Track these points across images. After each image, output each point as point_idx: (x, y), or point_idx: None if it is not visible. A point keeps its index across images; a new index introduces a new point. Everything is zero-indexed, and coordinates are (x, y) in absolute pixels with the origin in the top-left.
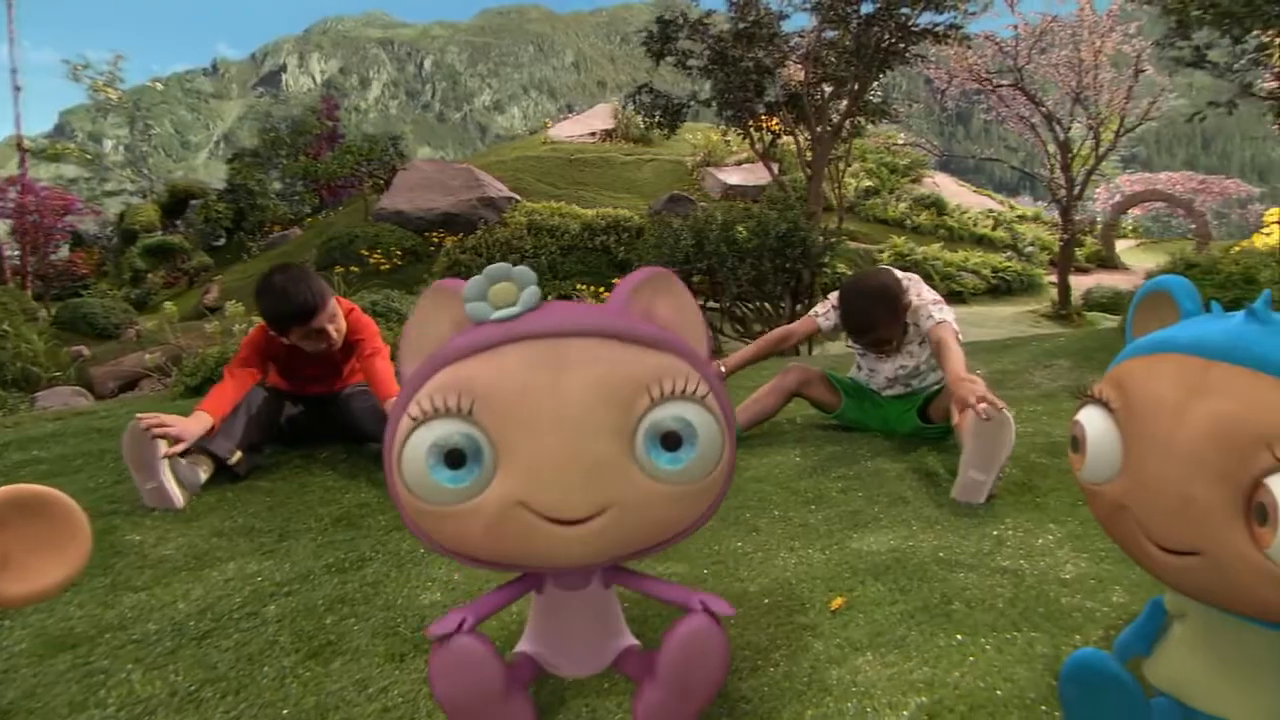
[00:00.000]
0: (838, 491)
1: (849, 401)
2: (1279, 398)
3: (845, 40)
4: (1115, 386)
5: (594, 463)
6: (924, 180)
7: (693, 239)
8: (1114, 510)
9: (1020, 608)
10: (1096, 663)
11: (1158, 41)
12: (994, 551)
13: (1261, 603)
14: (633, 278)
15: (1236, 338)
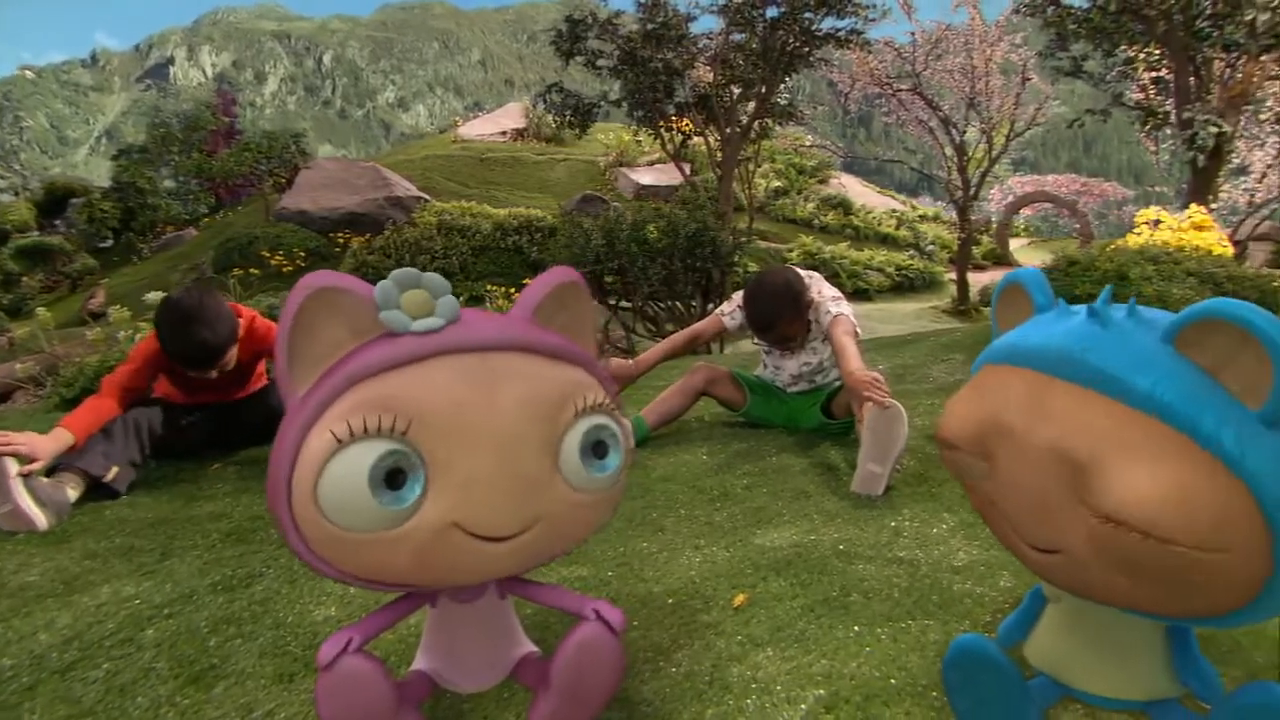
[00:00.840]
0: (743, 488)
1: (755, 399)
2: (1105, 419)
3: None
4: (978, 393)
5: (527, 478)
6: (831, 181)
7: (604, 239)
8: (985, 504)
9: (915, 597)
10: (976, 648)
11: (1040, 52)
12: (891, 542)
13: (1118, 594)
14: (538, 286)
15: (1076, 343)
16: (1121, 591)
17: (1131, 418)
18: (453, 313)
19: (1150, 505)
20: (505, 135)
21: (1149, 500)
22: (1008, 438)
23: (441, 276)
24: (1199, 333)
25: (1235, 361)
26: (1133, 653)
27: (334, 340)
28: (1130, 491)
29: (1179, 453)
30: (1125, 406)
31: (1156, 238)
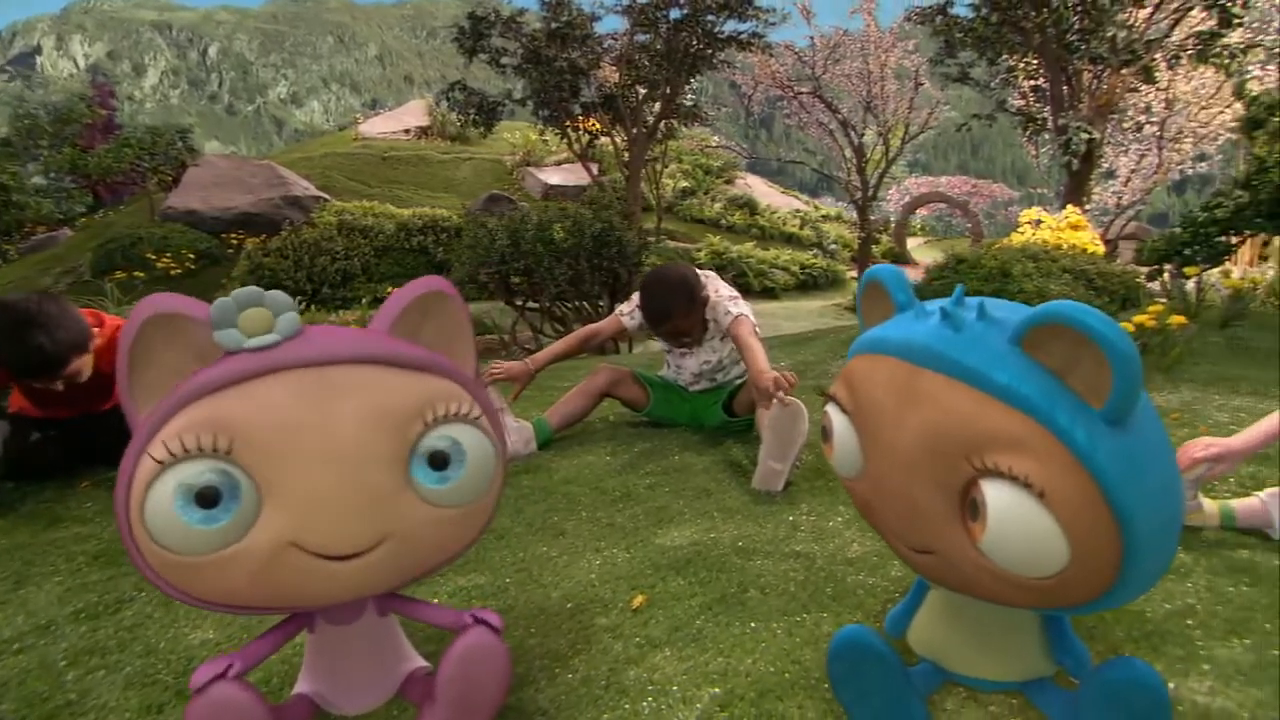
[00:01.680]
0: (645, 488)
1: (657, 398)
2: (973, 407)
3: (656, 44)
4: (846, 387)
5: (370, 494)
6: (737, 182)
7: (509, 239)
8: (864, 505)
9: (810, 590)
10: (857, 640)
11: (931, 59)
12: (789, 537)
13: (987, 592)
14: (398, 298)
15: (936, 341)
16: (992, 591)
17: (997, 407)
18: (291, 329)
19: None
20: (409, 133)
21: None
22: (879, 418)
23: (286, 295)
24: (1043, 336)
25: (1078, 363)
26: (1010, 636)
27: (174, 364)
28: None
29: (1044, 446)
30: (991, 396)
31: (1038, 236)
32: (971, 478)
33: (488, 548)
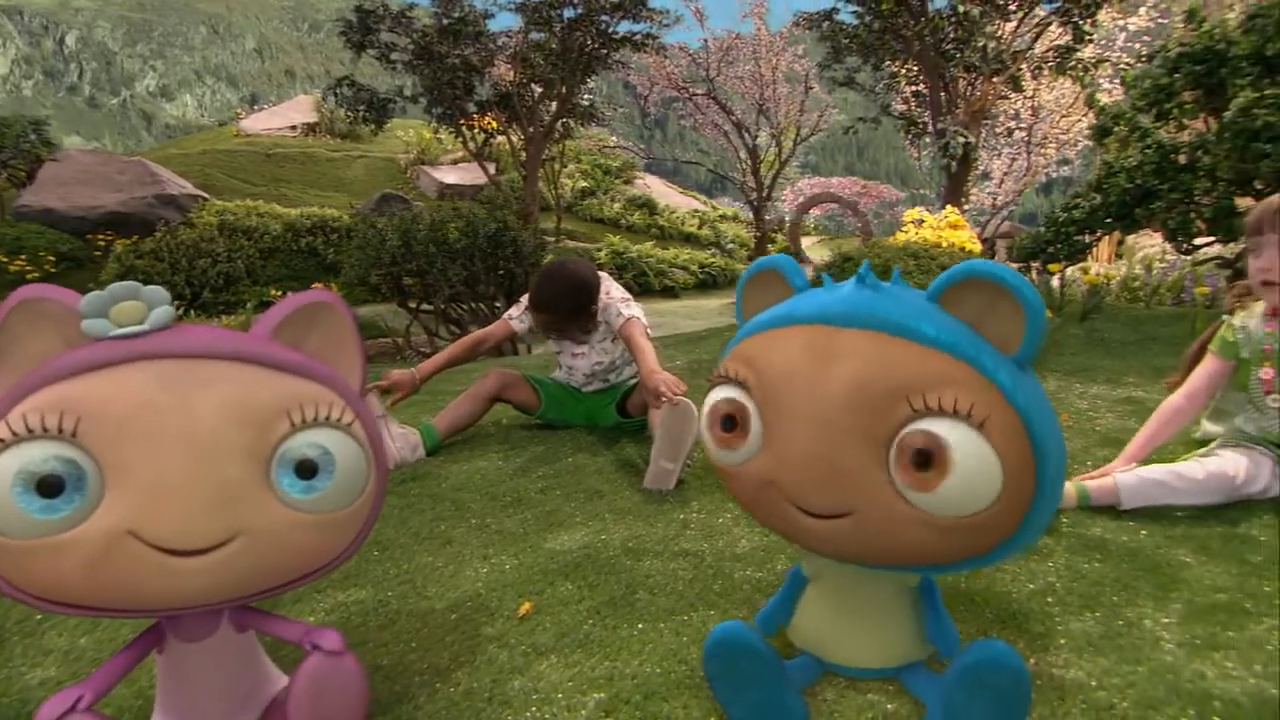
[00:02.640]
0: (537, 492)
1: (549, 400)
2: (903, 353)
3: (551, 43)
4: (746, 364)
5: (221, 486)
6: (636, 182)
7: (400, 240)
8: (760, 487)
9: (698, 588)
10: (732, 635)
11: (819, 63)
12: (678, 536)
13: (912, 548)
14: (280, 306)
15: (854, 304)
16: (908, 544)
17: (928, 352)
18: (163, 322)
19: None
20: (295, 130)
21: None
22: (791, 386)
23: (165, 290)
24: (960, 291)
25: (993, 314)
26: (887, 623)
27: (40, 353)
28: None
29: (975, 384)
30: (919, 344)
31: (920, 235)
32: (904, 422)
33: (370, 560)
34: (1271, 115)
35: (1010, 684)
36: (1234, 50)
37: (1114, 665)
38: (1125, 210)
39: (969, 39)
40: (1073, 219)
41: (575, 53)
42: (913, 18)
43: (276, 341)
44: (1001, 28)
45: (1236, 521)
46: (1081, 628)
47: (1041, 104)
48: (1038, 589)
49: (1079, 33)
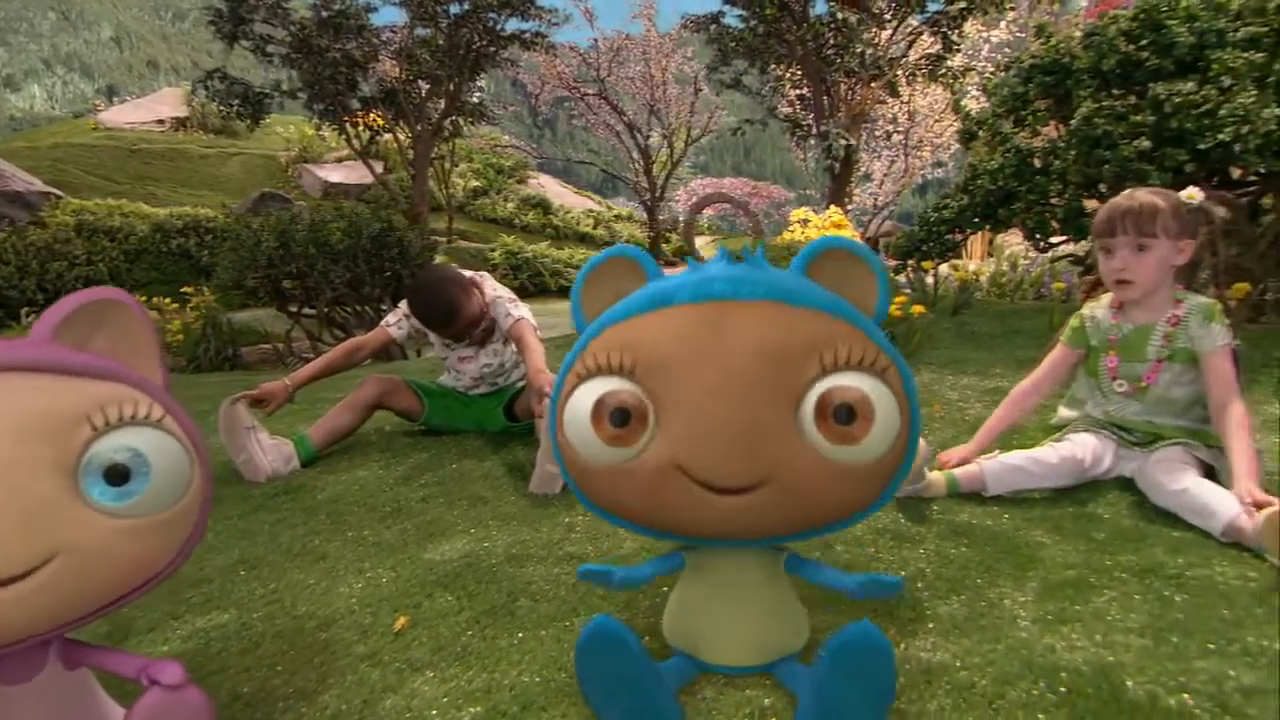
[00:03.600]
0: (418, 501)
1: (433, 406)
2: (799, 318)
3: (438, 39)
4: (626, 350)
5: (28, 506)
6: (530, 181)
7: (276, 241)
8: (661, 478)
9: (582, 592)
10: (601, 636)
11: (708, 65)
12: (563, 540)
13: (827, 506)
14: (59, 306)
15: (739, 280)
16: (824, 499)
17: (820, 315)
18: None
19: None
20: (163, 125)
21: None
22: (687, 365)
23: None
24: (821, 262)
25: (849, 279)
26: (761, 619)
27: None
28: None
29: (864, 340)
30: (810, 309)
31: (806, 234)
32: (815, 379)
33: (236, 580)
34: (1110, 125)
35: (877, 663)
36: (1077, 64)
37: (975, 645)
38: (989, 210)
39: (848, 45)
40: (943, 219)
41: (462, 49)
42: (795, 23)
43: (58, 344)
44: (878, 35)
45: (1085, 502)
46: (948, 611)
47: (916, 109)
48: (909, 575)
49: (948, 42)
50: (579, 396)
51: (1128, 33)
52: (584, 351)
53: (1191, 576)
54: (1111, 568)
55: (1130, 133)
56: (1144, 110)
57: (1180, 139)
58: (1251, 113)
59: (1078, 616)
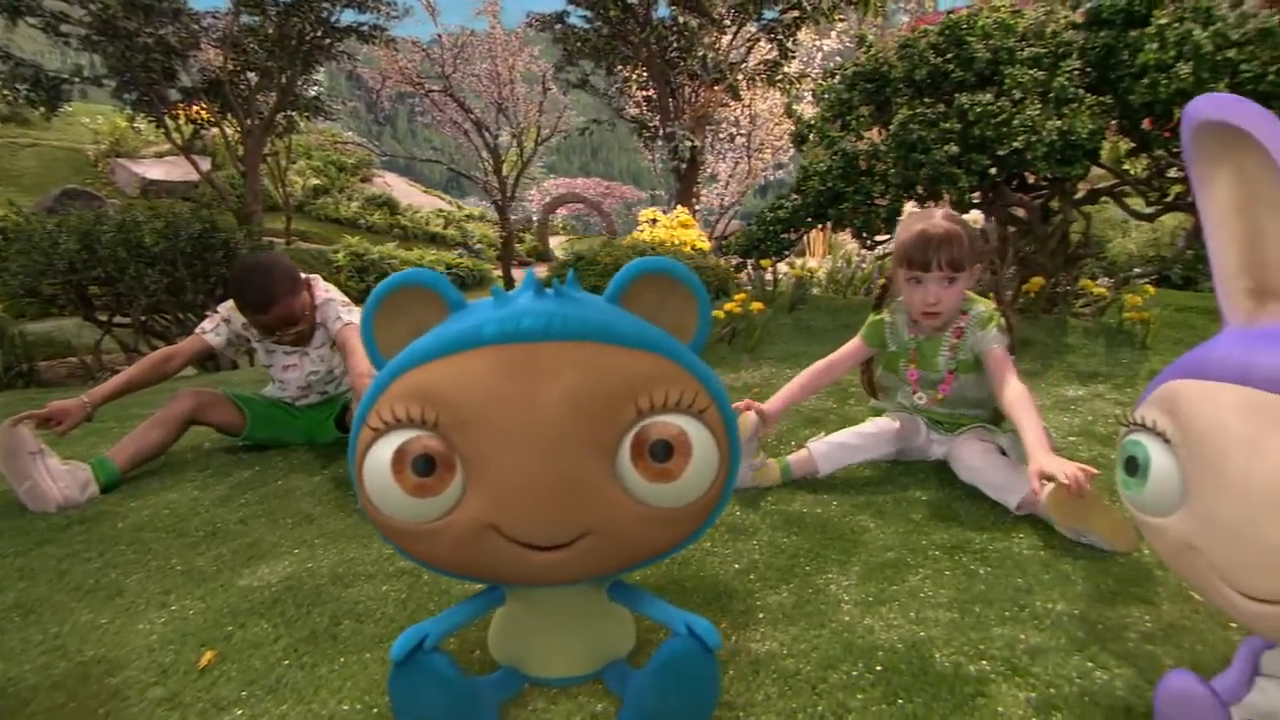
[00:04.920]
0: (237, 522)
1: (256, 418)
2: (613, 358)
3: (266, 28)
4: (427, 400)
5: None
6: (375, 180)
7: (78, 243)
8: (475, 536)
9: (412, 609)
10: (412, 656)
11: (555, 65)
12: (395, 555)
13: (648, 547)
14: None
15: (548, 316)
16: (645, 542)
17: (635, 353)
18: None
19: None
20: None
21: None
22: (500, 414)
23: None
24: (636, 287)
25: (667, 306)
26: (587, 630)
27: None
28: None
29: (684, 377)
30: (624, 347)
31: (654, 234)
32: (631, 425)
33: (7, 629)
34: (923, 130)
35: (699, 676)
36: (893, 73)
37: (802, 632)
38: (820, 210)
39: (690, 49)
40: (778, 218)
41: (294, 40)
42: (639, 25)
43: None
44: (719, 40)
45: (905, 486)
46: (778, 600)
47: (758, 113)
48: (742, 568)
49: (783, 49)
50: (377, 450)
51: (935, 46)
52: (379, 400)
53: (993, 549)
54: (926, 547)
55: (941, 138)
56: (951, 118)
57: (983, 145)
58: (1038, 123)
59: (895, 596)
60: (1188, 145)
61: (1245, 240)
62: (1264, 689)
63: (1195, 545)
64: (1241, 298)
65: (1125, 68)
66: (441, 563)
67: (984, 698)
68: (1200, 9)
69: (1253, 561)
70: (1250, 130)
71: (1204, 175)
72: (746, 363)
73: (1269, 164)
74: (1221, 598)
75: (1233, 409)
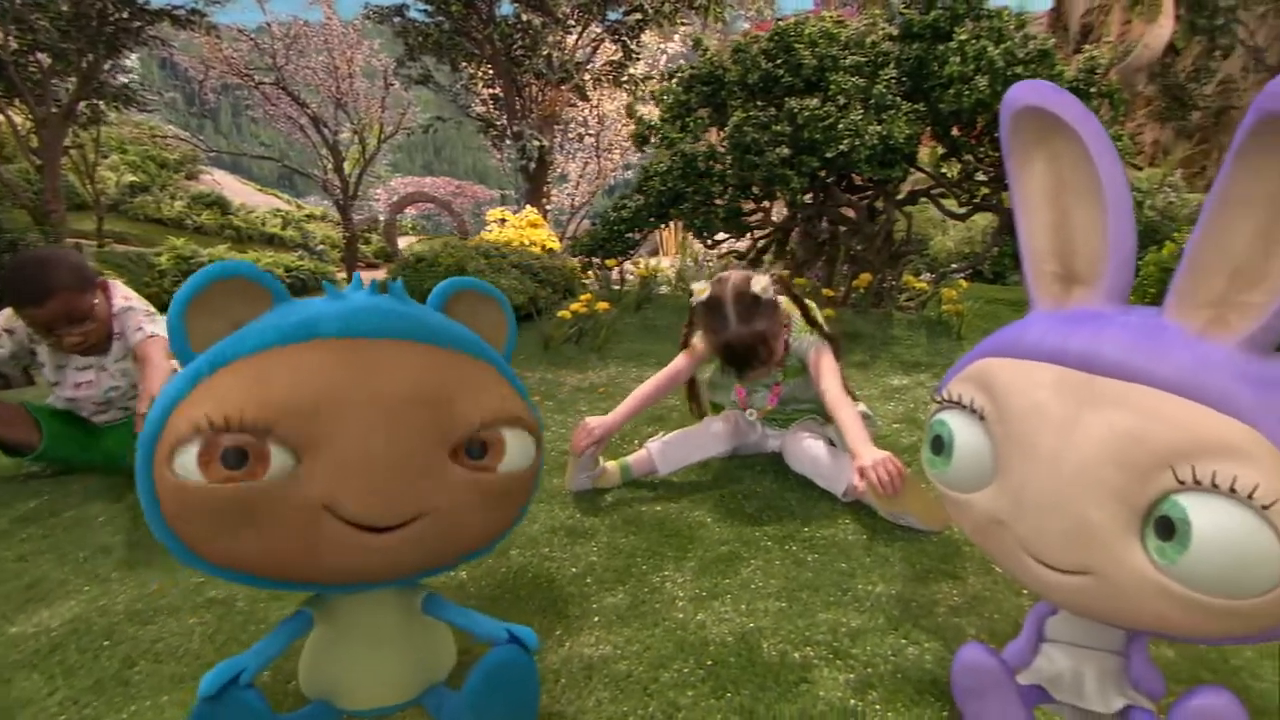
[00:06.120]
0: (15, 560)
1: (54, 437)
2: (445, 359)
3: (59, 5)
4: (263, 387)
5: None
6: (203, 178)
7: None
8: (305, 520)
9: (220, 641)
10: (226, 691)
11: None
12: (207, 582)
13: (482, 530)
14: None
15: (387, 313)
16: (475, 536)
17: (469, 358)
18: None
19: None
20: None
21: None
22: (342, 404)
23: None
24: (456, 301)
25: (481, 318)
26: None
27: None
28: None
29: (505, 385)
30: (459, 351)
31: (504, 235)
32: (462, 420)
33: None
34: (756, 133)
35: (519, 688)
36: (728, 77)
37: (635, 633)
38: (662, 210)
39: (535, 47)
40: (622, 218)
41: (94, 20)
42: (482, 22)
43: None
44: (564, 40)
45: (741, 479)
46: (614, 602)
47: (606, 113)
48: (579, 571)
49: (628, 51)
50: (188, 438)
51: (766, 52)
52: (203, 382)
53: (821, 537)
54: (760, 538)
55: (773, 140)
56: (782, 121)
57: (812, 148)
58: (861, 128)
59: (728, 589)
60: (1006, 132)
61: (1055, 226)
62: (1048, 654)
63: (1003, 520)
64: (1050, 282)
65: (935, 78)
66: (255, 558)
67: (807, 683)
68: (994, 29)
69: (1060, 534)
70: (1065, 117)
71: (1019, 161)
72: (593, 362)
73: (1081, 151)
74: (1024, 570)
75: (1047, 388)
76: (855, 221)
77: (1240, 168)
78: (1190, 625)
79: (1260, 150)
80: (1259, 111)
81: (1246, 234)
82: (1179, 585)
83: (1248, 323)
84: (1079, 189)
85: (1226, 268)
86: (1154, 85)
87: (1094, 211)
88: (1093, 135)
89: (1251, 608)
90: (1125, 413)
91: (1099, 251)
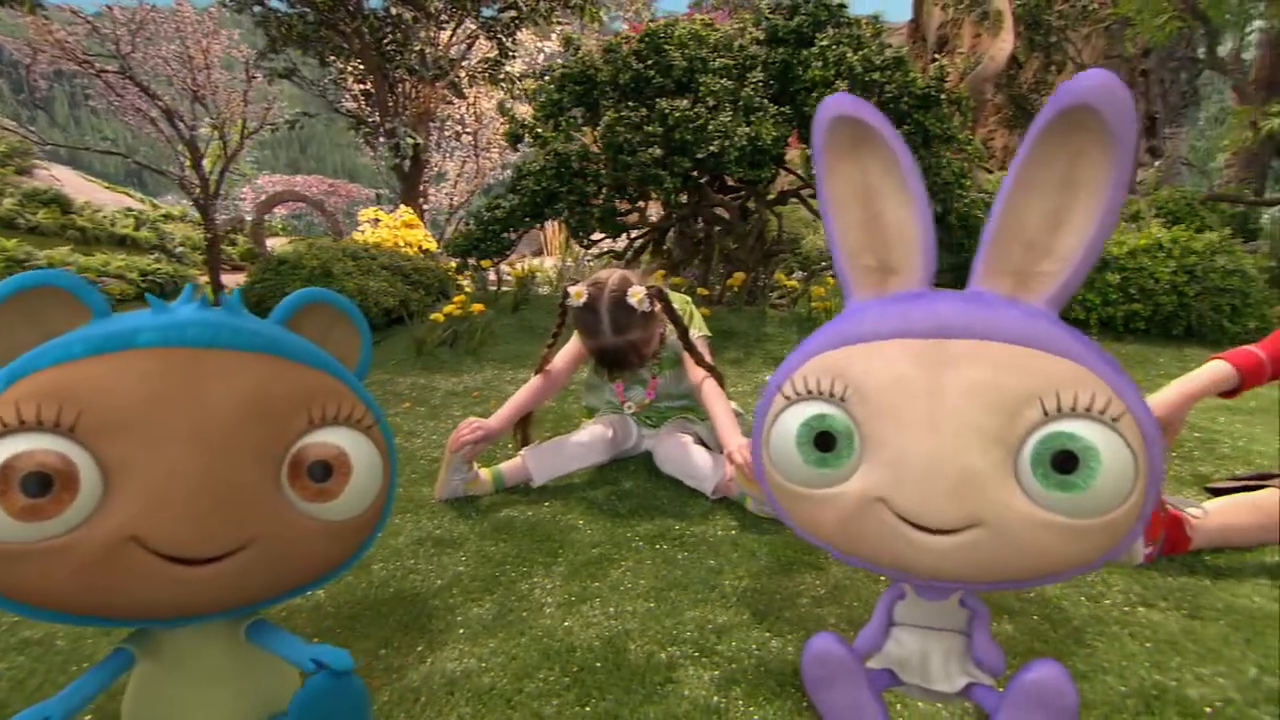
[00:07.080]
0: None
1: None
2: (284, 370)
3: None
4: (67, 401)
5: None
6: (38, 173)
7: None
8: (106, 555)
9: (32, 689)
10: None
11: (259, 51)
12: (16, 624)
13: (313, 563)
14: None
15: (217, 325)
16: (312, 557)
17: (305, 369)
18: None
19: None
20: None
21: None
22: (160, 419)
23: None
24: (303, 315)
25: (332, 334)
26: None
27: None
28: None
29: (349, 395)
30: (296, 361)
31: (377, 235)
32: (298, 435)
33: None
34: (629, 133)
35: (338, 705)
36: (599, 77)
37: (501, 644)
38: (537, 210)
39: (407, 42)
40: (496, 218)
41: None
42: (350, 15)
43: None
44: (437, 36)
45: (616, 480)
46: (480, 613)
47: (483, 111)
48: (445, 583)
49: (503, 48)
50: None
51: (637, 52)
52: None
53: (690, 534)
54: (631, 539)
55: (645, 141)
56: (654, 122)
57: (684, 148)
58: (730, 129)
59: (597, 592)
60: (819, 138)
61: (867, 223)
62: (898, 638)
63: (884, 495)
64: (867, 274)
65: (799, 82)
66: (57, 596)
67: (672, 684)
68: (853, 36)
69: (947, 491)
70: (876, 127)
71: (830, 165)
72: (469, 365)
73: (890, 157)
74: (903, 547)
75: (904, 360)
76: (729, 221)
77: (1033, 155)
78: (1068, 555)
79: (1051, 141)
80: (1052, 106)
81: (1038, 213)
82: (1061, 516)
83: (1045, 288)
84: (889, 190)
85: (1021, 241)
86: (1001, 94)
87: (904, 210)
88: (898, 143)
89: (1115, 521)
90: (983, 365)
91: (913, 244)
